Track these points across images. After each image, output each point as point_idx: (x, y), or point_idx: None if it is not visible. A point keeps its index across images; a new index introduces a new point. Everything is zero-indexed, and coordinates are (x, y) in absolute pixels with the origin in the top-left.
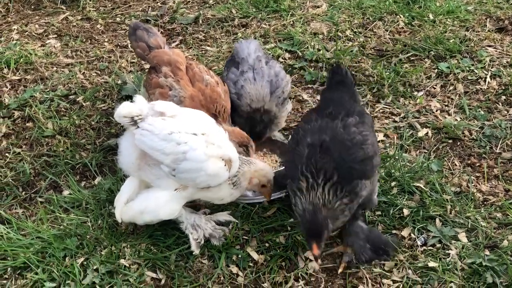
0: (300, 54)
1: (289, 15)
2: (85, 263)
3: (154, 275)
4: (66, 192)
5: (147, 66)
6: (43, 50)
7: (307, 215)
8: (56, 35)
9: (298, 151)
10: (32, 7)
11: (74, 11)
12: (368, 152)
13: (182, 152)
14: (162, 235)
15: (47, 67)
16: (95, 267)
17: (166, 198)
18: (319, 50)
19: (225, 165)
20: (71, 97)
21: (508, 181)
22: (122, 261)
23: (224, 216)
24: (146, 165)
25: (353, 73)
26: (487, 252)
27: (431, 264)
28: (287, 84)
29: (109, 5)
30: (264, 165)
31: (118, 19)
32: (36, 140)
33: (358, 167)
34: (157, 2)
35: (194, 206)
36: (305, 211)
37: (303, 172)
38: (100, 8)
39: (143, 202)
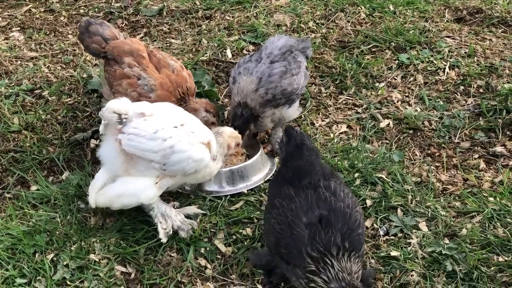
0: None
1: (252, 7)
2: (55, 258)
3: (123, 269)
4: (34, 188)
5: None
6: (6, 43)
7: None
8: (19, 28)
9: (297, 235)
10: None
11: (37, 3)
12: (361, 212)
13: (169, 147)
14: (131, 230)
15: (11, 61)
16: (65, 263)
17: (148, 183)
18: None
19: (206, 148)
20: (36, 91)
21: (467, 171)
22: (92, 256)
23: (192, 209)
24: (132, 166)
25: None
26: (446, 241)
27: (393, 253)
28: (276, 88)
29: None
30: (229, 128)
31: (81, 10)
32: (2, 136)
33: (361, 231)
34: None
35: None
36: None
37: (309, 254)
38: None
39: (124, 185)
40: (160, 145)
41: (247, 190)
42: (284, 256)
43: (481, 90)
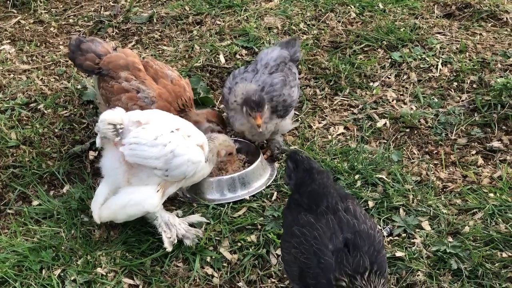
0: (256, 50)
1: (242, 10)
2: (62, 274)
3: (131, 281)
4: (35, 203)
5: None
6: None
7: None
8: (9, 40)
9: (325, 263)
10: None
11: (26, 14)
12: (382, 233)
13: (170, 151)
14: (136, 241)
15: (4, 75)
16: (72, 278)
17: (151, 191)
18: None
19: (201, 150)
20: (32, 105)
21: (465, 167)
22: (98, 269)
23: (196, 218)
24: (134, 176)
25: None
26: (450, 239)
27: (398, 253)
28: (279, 96)
29: (61, 6)
30: (224, 136)
31: (71, 20)
32: (0, 151)
33: (384, 252)
34: (109, 1)
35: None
36: None
37: (337, 279)
38: (52, 10)
39: (127, 196)
40: (161, 150)
41: (249, 197)
42: (312, 286)
43: (474, 86)
